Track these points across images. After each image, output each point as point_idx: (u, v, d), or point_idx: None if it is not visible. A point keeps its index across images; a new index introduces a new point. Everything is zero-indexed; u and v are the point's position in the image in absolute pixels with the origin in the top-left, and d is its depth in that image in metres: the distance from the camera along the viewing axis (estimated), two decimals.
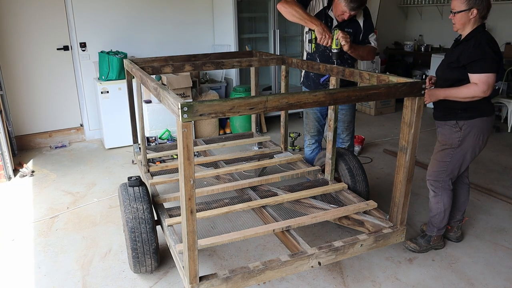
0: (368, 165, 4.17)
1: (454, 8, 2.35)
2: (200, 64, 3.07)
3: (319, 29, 2.70)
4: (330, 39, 2.70)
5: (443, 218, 2.63)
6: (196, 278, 1.73)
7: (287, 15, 2.80)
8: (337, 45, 2.72)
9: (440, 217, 2.63)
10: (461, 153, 2.48)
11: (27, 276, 2.54)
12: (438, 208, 2.62)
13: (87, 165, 4.38)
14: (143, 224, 2.24)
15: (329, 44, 2.72)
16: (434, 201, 2.63)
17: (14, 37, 4.62)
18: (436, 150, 2.59)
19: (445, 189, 2.58)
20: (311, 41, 2.83)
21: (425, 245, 2.68)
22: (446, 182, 2.57)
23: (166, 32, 5.37)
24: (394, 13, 7.26)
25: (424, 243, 2.68)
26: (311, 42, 2.84)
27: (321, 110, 3.21)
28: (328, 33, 2.69)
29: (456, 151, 2.48)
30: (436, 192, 2.61)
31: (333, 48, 2.75)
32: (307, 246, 2.01)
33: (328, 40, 2.70)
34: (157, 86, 1.93)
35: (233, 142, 3.56)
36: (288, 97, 1.65)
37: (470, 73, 2.30)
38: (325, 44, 2.72)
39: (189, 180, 1.56)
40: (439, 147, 2.57)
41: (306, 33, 2.88)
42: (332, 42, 2.72)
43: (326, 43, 2.72)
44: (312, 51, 2.89)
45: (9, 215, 3.32)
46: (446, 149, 2.52)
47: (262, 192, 2.62)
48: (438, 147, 2.58)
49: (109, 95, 4.66)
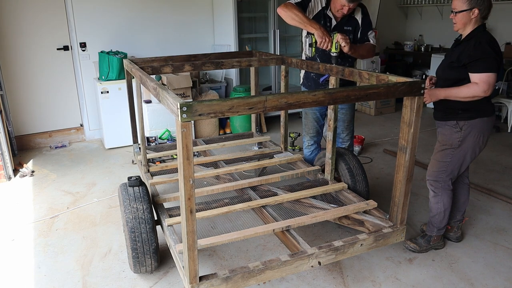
0: (368, 165, 4.17)
1: (455, 8, 2.34)
2: (200, 64, 3.07)
3: (319, 32, 2.71)
4: (330, 42, 2.71)
5: (443, 218, 2.62)
6: (196, 278, 1.73)
7: (287, 19, 2.81)
8: (336, 49, 2.74)
9: (440, 217, 2.62)
10: (461, 153, 2.48)
11: (27, 276, 2.54)
12: (438, 208, 2.61)
13: (87, 165, 4.38)
14: (143, 224, 2.24)
15: (328, 47, 2.73)
16: (434, 201, 2.63)
17: (14, 37, 4.62)
18: (436, 150, 2.58)
19: (445, 189, 2.58)
20: (311, 45, 2.84)
21: (425, 245, 2.68)
22: (446, 182, 2.56)
23: (166, 32, 5.37)
24: (394, 13, 7.26)
25: (424, 243, 2.68)
26: (311, 46, 2.85)
27: (320, 110, 3.21)
28: (327, 37, 2.70)
29: (456, 151, 2.48)
30: (436, 192, 2.60)
31: (332, 52, 2.76)
32: (307, 246, 2.01)
33: (328, 43, 2.71)
34: (157, 86, 1.93)
35: (233, 142, 3.56)
36: (288, 97, 1.65)
37: (471, 73, 2.30)
38: (325, 47, 2.73)
39: (189, 180, 1.56)
40: (439, 147, 2.56)
41: (306, 37, 2.89)
42: (332, 46, 2.73)
43: (326, 47, 2.72)
44: (312, 55, 2.90)
45: (9, 215, 3.32)
46: (446, 149, 2.51)
47: (262, 192, 2.62)
48: (438, 147, 2.57)
49: (109, 95, 4.66)
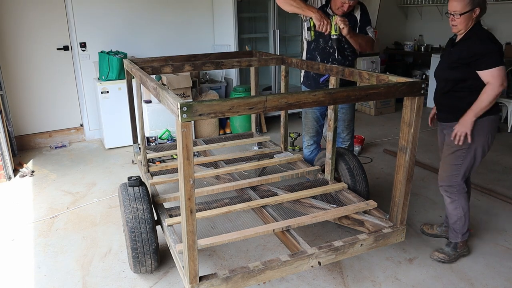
0: (368, 165, 4.17)
1: (457, 10, 2.29)
2: (200, 64, 3.07)
3: (317, 15, 2.74)
4: (329, 25, 2.74)
5: (465, 222, 2.54)
6: (196, 278, 1.73)
7: (285, 6, 2.83)
8: (336, 31, 2.76)
9: (462, 222, 2.54)
10: (472, 153, 2.43)
11: (27, 276, 2.54)
12: (458, 214, 2.53)
13: (87, 165, 4.38)
14: (143, 224, 2.24)
15: (328, 30, 2.75)
16: (452, 207, 2.54)
17: (14, 37, 4.62)
18: (446, 153, 2.51)
19: (460, 192, 2.51)
20: (310, 29, 2.86)
21: (453, 253, 2.58)
22: (461, 185, 2.50)
23: (166, 32, 5.37)
24: (394, 13, 7.26)
25: (452, 251, 2.58)
26: (310, 30, 2.86)
27: (320, 110, 3.22)
28: (326, 19, 2.73)
29: (467, 151, 2.43)
30: (452, 197, 2.53)
31: (332, 34, 2.78)
32: (307, 246, 2.01)
33: (327, 26, 2.73)
34: (157, 86, 1.93)
35: (233, 142, 3.56)
36: (288, 97, 1.65)
37: (480, 70, 2.27)
38: (323, 30, 2.75)
39: (189, 180, 1.56)
40: (449, 150, 2.49)
41: (305, 21, 2.90)
42: (331, 28, 2.75)
43: (325, 30, 2.74)
44: (311, 38, 2.91)
45: (9, 215, 3.32)
46: (457, 151, 2.45)
47: (262, 192, 2.62)
48: (447, 150, 2.50)
49: (109, 95, 4.66)
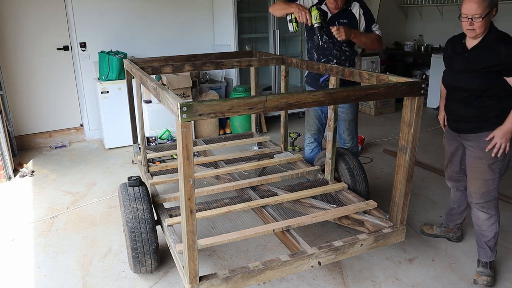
0: (368, 165, 4.17)
1: (477, 14, 2.10)
2: (200, 64, 3.07)
3: (295, 8, 2.90)
4: (308, 15, 2.85)
5: (497, 238, 2.39)
6: (196, 278, 1.73)
7: (275, 11, 3.08)
8: (316, 19, 2.86)
9: (496, 238, 2.38)
10: (504, 161, 2.28)
11: (27, 276, 2.54)
12: (494, 229, 2.36)
13: (87, 165, 4.38)
14: (143, 224, 2.24)
15: (308, 20, 2.86)
16: (488, 223, 2.37)
17: (14, 37, 4.62)
18: (480, 169, 2.30)
19: (496, 206, 2.36)
20: (291, 21, 3.01)
21: (493, 272, 2.42)
22: (496, 198, 2.35)
23: (166, 32, 5.37)
24: (394, 13, 7.26)
25: (492, 272, 2.41)
26: (292, 22, 3.01)
27: (323, 108, 3.22)
28: (304, 10, 2.86)
29: (503, 162, 2.28)
30: (489, 213, 2.36)
31: (314, 23, 2.88)
32: (307, 246, 2.01)
33: (306, 15, 2.85)
34: (157, 86, 1.93)
35: (233, 142, 3.56)
36: (288, 97, 1.65)
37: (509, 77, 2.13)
38: (303, 20, 2.87)
39: (189, 180, 1.56)
40: (483, 164, 2.28)
41: (287, 15, 3.04)
42: (312, 18, 2.86)
43: (305, 20, 2.86)
44: (295, 30, 3.04)
45: (9, 215, 3.32)
46: (492, 164, 2.26)
47: (262, 192, 2.62)
48: (480, 164, 2.29)
49: (109, 95, 4.66)
